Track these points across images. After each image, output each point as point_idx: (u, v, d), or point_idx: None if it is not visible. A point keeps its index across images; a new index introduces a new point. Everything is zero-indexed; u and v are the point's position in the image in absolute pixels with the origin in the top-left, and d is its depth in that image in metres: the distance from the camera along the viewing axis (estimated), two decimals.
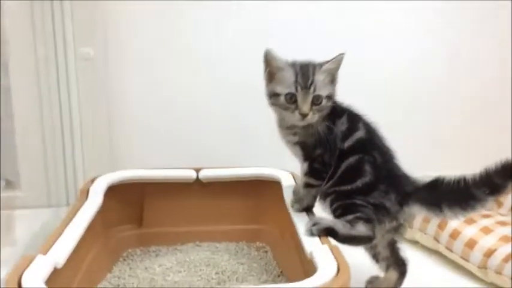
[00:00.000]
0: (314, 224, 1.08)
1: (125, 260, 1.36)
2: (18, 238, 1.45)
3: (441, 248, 1.37)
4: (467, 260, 1.29)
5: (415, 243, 1.46)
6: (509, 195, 1.53)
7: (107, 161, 1.66)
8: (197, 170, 1.45)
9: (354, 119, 1.14)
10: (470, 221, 1.34)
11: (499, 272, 1.21)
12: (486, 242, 1.28)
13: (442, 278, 1.32)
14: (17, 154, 1.65)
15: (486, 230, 1.31)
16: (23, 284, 0.86)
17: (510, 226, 1.33)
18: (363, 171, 1.09)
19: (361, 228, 1.06)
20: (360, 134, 1.12)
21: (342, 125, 1.12)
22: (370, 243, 1.11)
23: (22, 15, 1.55)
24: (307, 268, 1.08)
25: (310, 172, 1.15)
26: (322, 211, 1.17)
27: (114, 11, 1.64)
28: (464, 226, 1.33)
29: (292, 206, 1.22)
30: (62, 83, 1.59)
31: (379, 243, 1.16)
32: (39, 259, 0.96)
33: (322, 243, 1.04)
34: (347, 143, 1.11)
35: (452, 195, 1.04)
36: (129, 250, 1.41)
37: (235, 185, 1.45)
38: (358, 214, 1.07)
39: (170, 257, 1.34)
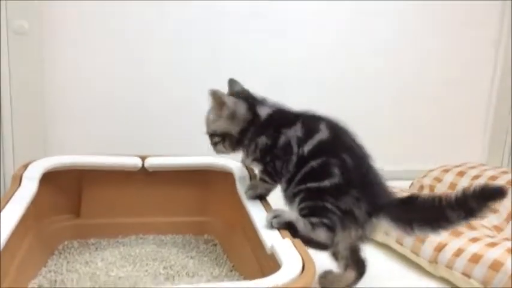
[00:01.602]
0: (275, 217, 1.04)
1: (61, 253, 1.25)
2: None
3: (391, 242, 1.37)
4: (417, 254, 1.29)
5: None
6: (454, 192, 1.55)
7: (41, 145, 1.53)
8: (143, 158, 1.35)
9: (312, 123, 1.11)
10: None
11: (449, 267, 1.22)
12: (437, 236, 1.28)
13: (393, 272, 1.31)
14: None
15: None
16: None
17: None
18: (330, 172, 1.05)
19: (322, 234, 1.04)
20: (321, 135, 1.09)
21: (295, 132, 1.10)
22: (325, 250, 1.09)
23: None
24: (264, 262, 1.04)
25: (264, 172, 1.15)
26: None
27: None
28: None
29: (246, 192, 1.19)
30: None
31: (340, 244, 1.11)
32: None
33: (283, 237, 0.99)
34: (307, 148, 1.08)
35: (425, 214, 1.01)
36: (66, 242, 1.30)
37: (183, 175, 1.38)
38: (324, 220, 1.04)
39: (112, 251, 1.25)
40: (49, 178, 1.25)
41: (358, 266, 1.14)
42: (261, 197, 1.18)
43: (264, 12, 1.70)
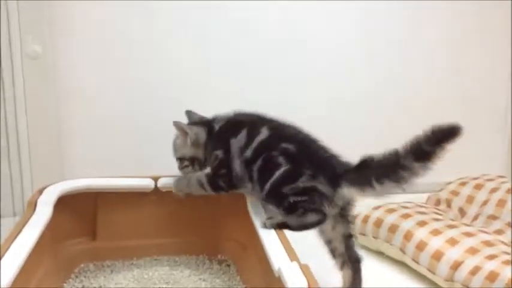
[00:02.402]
0: (268, 218, 1.14)
1: (77, 276, 1.27)
2: None
3: (407, 260, 1.35)
4: (433, 273, 1.27)
5: (380, 254, 1.43)
6: (472, 205, 1.53)
7: (58, 168, 1.55)
8: (155, 179, 1.36)
9: (255, 128, 1.19)
10: (437, 232, 1.32)
11: (466, 285, 1.19)
12: (453, 253, 1.26)
13: None
14: None
15: (452, 242, 1.29)
16: None
17: (476, 237, 1.31)
18: (277, 164, 1.12)
19: (311, 217, 1.10)
20: (261, 137, 1.17)
21: (238, 142, 1.19)
22: (324, 221, 1.11)
23: None
24: (273, 285, 1.03)
25: (210, 182, 1.25)
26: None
27: (64, 5, 1.53)
28: (430, 237, 1.31)
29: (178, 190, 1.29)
30: (7, 84, 1.47)
31: (334, 239, 1.17)
32: None
33: (291, 260, 0.99)
34: (249, 152, 1.17)
35: (382, 169, 1.03)
36: (82, 265, 1.32)
37: (196, 195, 1.38)
38: (302, 209, 1.10)
39: (126, 274, 1.26)
40: (64, 202, 1.26)
41: (353, 262, 1.17)
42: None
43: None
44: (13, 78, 1.47)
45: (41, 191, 1.26)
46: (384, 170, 1.02)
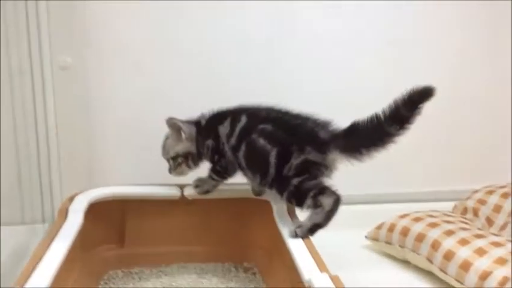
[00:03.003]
0: (298, 227, 1.14)
1: (106, 283, 1.29)
2: None
3: (435, 269, 1.34)
4: (462, 283, 1.26)
5: (406, 263, 1.43)
6: (499, 215, 1.51)
7: (86, 176, 1.58)
8: (182, 187, 1.38)
9: (236, 117, 1.24)
10: (464, 242, 1.31)
11: None
12: (481, 264, 1.24)
13: None
14: None
15: (481, 252, 1.28)
16: None
17: (504, 247, 1.30)
18: (262, 150, 1.16)
19: (327, 201, 1.12)
20: (240, 124, 1.22)
21: (225, 129, 1.25)
22: (340, 197, 1.13)
23: None
24: None
25: (213, 170, 1.31)
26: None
27: (94, 15, 1.56)
28: (458, 247, 1.30)
29: (195, 187, 1.34)
30: (37, 94, 1.50)
31: None
32: None
33: (321, 271, 0.99)
34: (233, 140, 1.22)
35: (368, 137, 1.09)
36: (110, 272, 1.34)
37: (222, 203, 1.39)
38: (311, 193, 1.12)
39: (155, 281, 1.28)
40: (94, 209, 1.29)
41: None
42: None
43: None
44: (43, 88, 1.50)
45: (71, 199, 1.28)
46: (372, 139, 1.08)
